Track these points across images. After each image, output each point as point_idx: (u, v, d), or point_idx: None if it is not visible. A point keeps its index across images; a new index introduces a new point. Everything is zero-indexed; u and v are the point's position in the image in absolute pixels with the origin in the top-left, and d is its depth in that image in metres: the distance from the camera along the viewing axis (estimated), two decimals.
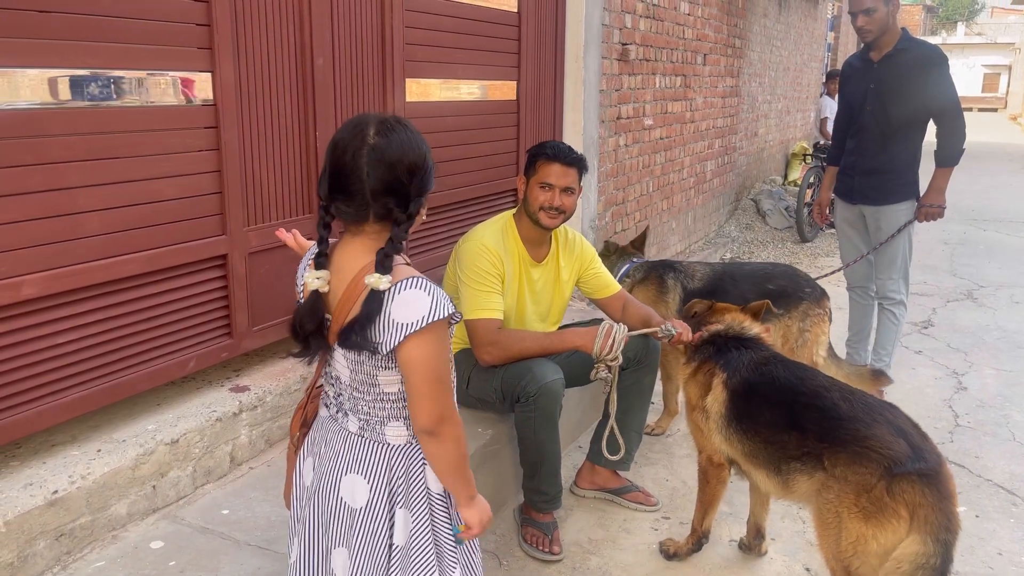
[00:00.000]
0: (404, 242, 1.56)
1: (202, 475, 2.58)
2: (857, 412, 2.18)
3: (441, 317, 1.52)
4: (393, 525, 1.63)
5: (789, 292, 3.61)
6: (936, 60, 3.89)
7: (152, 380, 2.56)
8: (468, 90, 4.03)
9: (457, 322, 1.61)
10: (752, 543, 2.80)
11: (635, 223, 5.97)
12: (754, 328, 2.64)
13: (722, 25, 7.50)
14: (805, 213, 8.11)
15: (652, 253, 6.40)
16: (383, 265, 1.51)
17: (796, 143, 11.53)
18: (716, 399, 2.53)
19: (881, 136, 4.00)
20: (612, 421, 2.86)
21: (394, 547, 1.63)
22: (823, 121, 9.36)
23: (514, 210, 2.99)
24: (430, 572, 1.63)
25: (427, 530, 1.65)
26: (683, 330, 2.73)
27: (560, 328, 3.10)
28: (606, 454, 2.95)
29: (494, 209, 4.23)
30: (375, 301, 1.50)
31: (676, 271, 3.76)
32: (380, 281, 1.49)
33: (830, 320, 3.68)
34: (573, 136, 4.92)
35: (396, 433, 1.63)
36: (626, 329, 2.72)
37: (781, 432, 2.32)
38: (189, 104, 2.55)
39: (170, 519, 2.41)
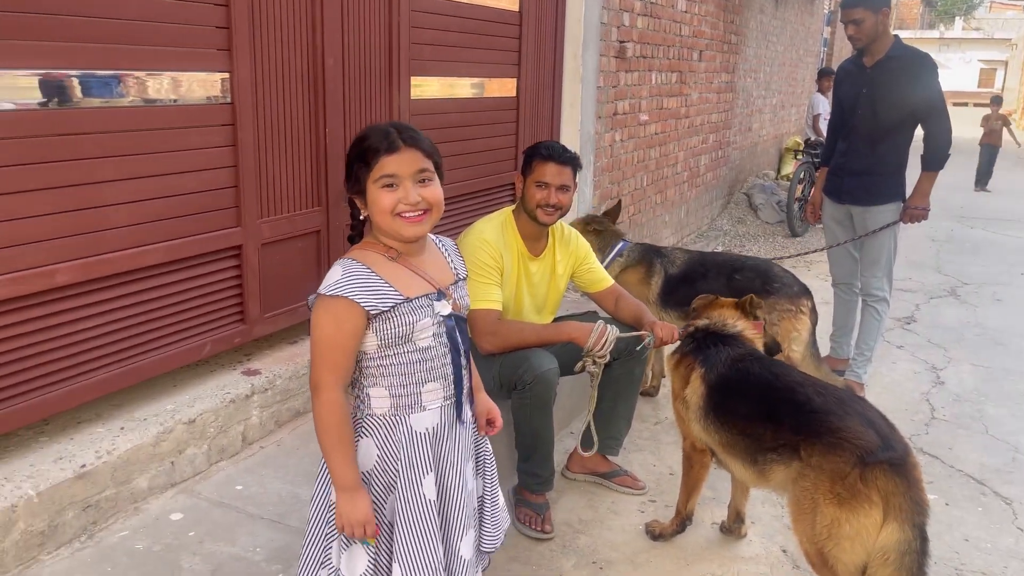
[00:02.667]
0: (360, 231, 1.77)
1: (216, 453, 2.74)
2: (830, 405, 2.33)
3: (336, 294, 1.62)
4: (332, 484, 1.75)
5: (756, 286, 3.71)
6: (926, 67, 4.03)
7: (170, 363, 2.71)
8: (470, 87, 4.17)
9: (375, 317, 1.65)
10: (732, 526, 2.97)
11: (629, 216, 6.11)
12: (738, 324, 2.78)
13: (718, 21, 7.62)
14: (796, 208, 8.26)
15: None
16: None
17: (790, 138, 11.67)
18: (694, 392, 2.68)
19: (870, 139, 4.15)
20: (589, 417, 3.00)
21: (332, 504, 1.73)
22: (815, 118, 9.50)
23: (513, 206, 3.13)
24: (327, 539, 1.74)
25: None
26: (664, 335, 2.89)
27: (555, 320, 3.25)
28: (579, 451, 3.11)
29: (494, 202, 4.38)
30: None
31: (661, 256, 4.08)
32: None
33: (811, 318, 3.76)
34: (570, 132, 5.06)
35: None
36: (617, 331, 2.87)
37: (757, 425, 2.47)
38: (209, 102, 2.69)
39: (188, 493, 2.57)
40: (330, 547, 1.74)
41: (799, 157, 9.30)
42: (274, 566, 2.22)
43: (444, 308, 1.76)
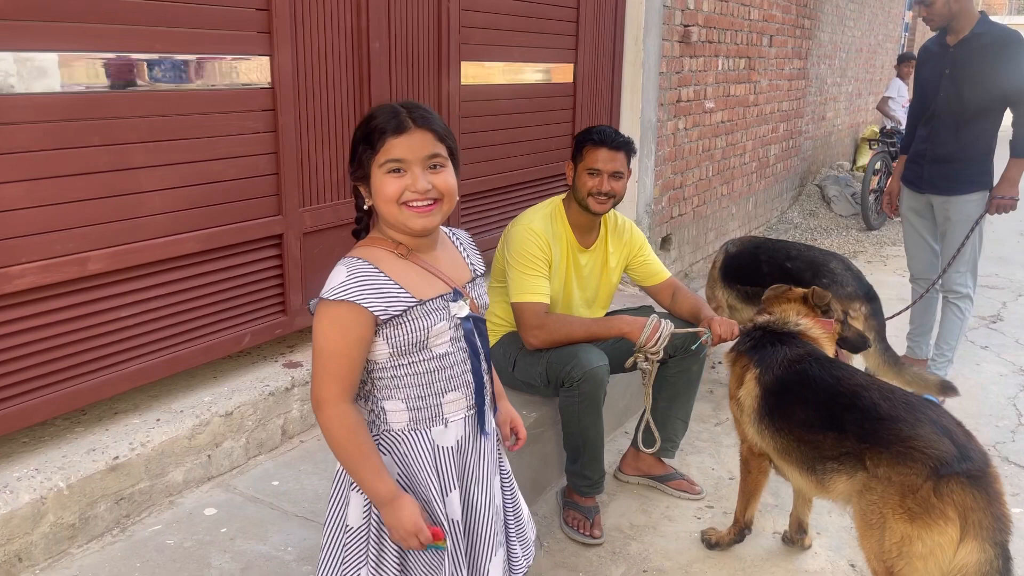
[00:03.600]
0: (365, 224, 1.63)
1: (254, 446, 2.68)
2: (899, 411, 2.14)
3: (340, 298, 1.47)
4: (348, 506, 1.61)
5: (805, 280, 3.43)
6: (1016, 45, 3.73)
7: (209, 354, 2.66)
8: (524, 73, 4.03)
9: (384, 323, 1.50)
10: (795, 537, 2.78)
11: (692, 208, 5.90)
12: (800, 322, 2.59)
13: (791, 5, 7.30)
14: (871, 200, 7.88)
15: (710, 239, 6.32)
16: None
17: (867, 127, 11.18)
18: (749, 393, 2.52)
19: (954, 123, 3.87)
20: (648, 415, 2.86)
21: (348, 528, 1.61)
22: (884, 100, 9.07)
23: (563, 195, 2.99)
24: (358, 560, 1.60)
25: (369, 520, 1.60)
26: (722, 331, 2.72)
27: (608, 314, 3.10)
28: (641, 447, 2.97)
29: (547, 192, 4.24)
30: None
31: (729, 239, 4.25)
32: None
33: (874, 323, 3.50)
34: (630, 119, 4.88)
35: None
36: (672, 326, 2.71)
37: (816, 432, 2.29)
38: (248, 87, 2.62)
39: (223, 487, 2.52)
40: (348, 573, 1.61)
41: (875, 147, 8.88)
42: (304, 567, 2.14)
43: (461, 309, 1.59)
